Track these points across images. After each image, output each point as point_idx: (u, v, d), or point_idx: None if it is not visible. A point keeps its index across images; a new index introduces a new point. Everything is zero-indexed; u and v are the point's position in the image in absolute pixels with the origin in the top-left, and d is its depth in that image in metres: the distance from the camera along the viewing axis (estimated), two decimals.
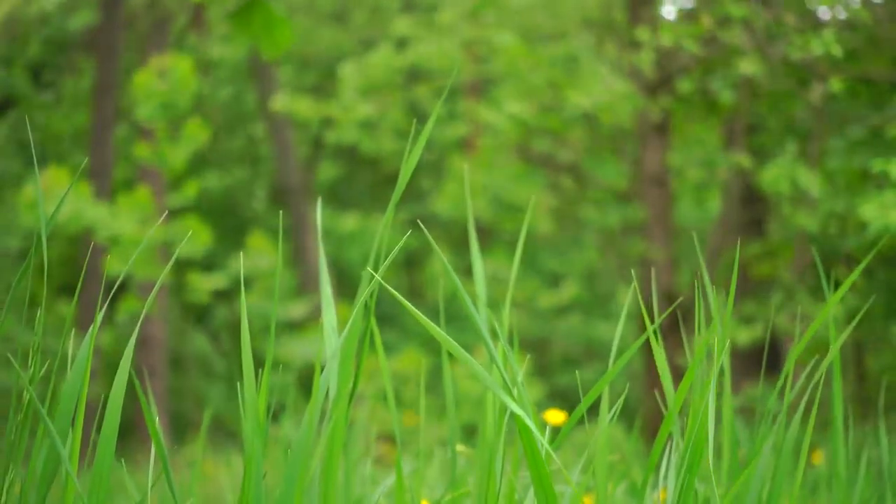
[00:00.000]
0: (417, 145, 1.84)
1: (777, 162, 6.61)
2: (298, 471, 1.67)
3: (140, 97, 10.85)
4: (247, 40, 4.20)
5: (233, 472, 5.65)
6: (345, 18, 15.59)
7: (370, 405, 9.34)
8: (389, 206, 1.81)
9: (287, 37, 4.16)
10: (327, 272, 1.92)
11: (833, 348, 2.00)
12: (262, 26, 4.15)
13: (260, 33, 4.15)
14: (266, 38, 4.15)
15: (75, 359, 1.71)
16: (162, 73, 10.88)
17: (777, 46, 6.64)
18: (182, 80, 10.73)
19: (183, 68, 10.77)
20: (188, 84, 10.75)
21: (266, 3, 4.15)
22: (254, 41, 4.18)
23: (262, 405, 1.72)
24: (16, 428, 1.70)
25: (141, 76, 10.91)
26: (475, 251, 2.11)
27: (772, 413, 2.01)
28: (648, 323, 1.86)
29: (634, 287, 2.10)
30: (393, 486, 2.66)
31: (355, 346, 1.80)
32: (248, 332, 1.72)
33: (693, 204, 12.30)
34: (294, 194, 14.60)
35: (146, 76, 10.85)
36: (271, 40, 4.15)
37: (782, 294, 7.09)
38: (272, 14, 4.13)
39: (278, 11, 4.16)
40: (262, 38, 4.15)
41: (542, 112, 8.87)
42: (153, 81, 10.79)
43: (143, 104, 10.81)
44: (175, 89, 10.75)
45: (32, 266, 1.74)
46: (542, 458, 1.77)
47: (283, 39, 4.15)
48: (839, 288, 1.87)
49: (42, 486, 1.67)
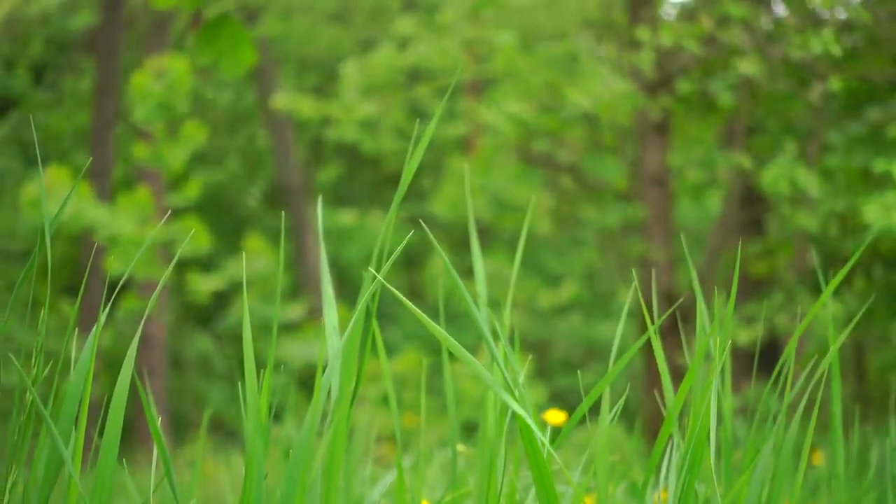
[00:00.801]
0: (420, 145, 1.84)
1: (777, 162, 6.61)
2: (300, 471, 1.67)
3: (137, 99, 10.85)
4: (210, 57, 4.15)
5: (233, 472, 5.66)
6: (345, 18, 15.59)
7: (371, 406, 9.34)
8: (392, 206, 1.81)
9: (249, 57, 4.12)
10: (328, 272, 1.92)
11: (833, 347, 2.00)
12: (228, 44, 4.10)
13: (224, 51, 4.11)
14: (229, 56, 4.10)
15: (78, 360, 1.71)
16: (158, 75, 10.88)
17: (777, 46, 6.64)
18: (178, 81, 10.73)
19: (179, 69, 10.76)
20: (184, 84, 10.74)
21: (235, 21, 4.11)
22: (217, 58, 4.12)
23: (263, 405, 1.72)
24: (18, 429, 1.70)
25: (137, 77, 10.91)
26: (476, 251, 2.11)
27: (772, 413, 2.01)
28: (649, 323, 1.86)
29: (635, 287, 2.10)
30: (393, 487, 2.66)
31: (357, 347, 1.80)
32: (250, 332, 1.72)
33: (693, 204, 12.30)
34: (294, 194, 14.61)
35: (142, 77, 10.85)
36: (234, 59, 4.10)
37: (782, 294, 7.09)
38: (239, 32, 4.09)
39: (243, 30, 4.12)
40: (225, 55, 4.11)
41: (542, 111, 8.87)
42: (149, 83, 10.79)
43: (140, 106, 10.80)
44: (171, 90, 10.74)
45: (35, 266, 1.74)
46: (543, 457, 1.77)
47: (244, 59, 4.10)
48: (838, 287, 1.87)
49: (44, 488, 1.67)
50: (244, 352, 1.71)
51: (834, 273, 6.41)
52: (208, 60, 4.11)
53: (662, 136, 8.68)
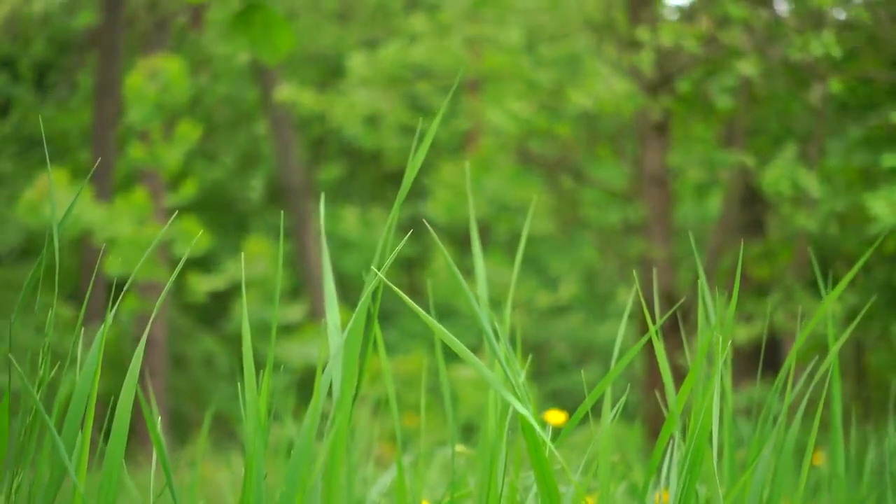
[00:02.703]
0: (423, 143, 1.83)
1: (777, 163, 6.61)
2: (300, 472, 1.67)
3: (132, 100, 10.84)
4: (245, 44, 4.12)
5: (234, 472, 5.65)
6: (348, 17, 15.59)
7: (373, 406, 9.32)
8: (394, 207, 1.80)
9: (287, 41, 4.09)
10: (330, 269, 1.92)
11: (833, 348, 2.00)
12: (262, 30, 4.07)
13: (259, 37, 4.08)
14: (265, 42, 4.08)
15: (83, 361, 1.70)
16: (153, 75, 10.87)
17: (777, 47, 6.64)
18: (174, 81, 10.72)
19: (173, 69, 10.76)
20: (181, 84, 10.73)
21: (267, 6, 4.08)
22: (253, 45, 4.10)
23: (262, 406, 1.72)
24: (23, 431, 1.69)
25: (132, 79, 10.90)
26: (477, 252, 2.10)
27: (772, 413, 2.01)
28: (651, 323, 1.86)
29: (636, 287, 2.10)
30: (394, 487, 2.66)
31: (359, 346, 1.80)
32: (249, 333, 1.72)
33: (693, 204, 12.29)
34: (295, 194, 14.60)
35: (137, 79, 10.84)
36: (271, 45, 4.07)
37: (782, 293, 7.09)
38: (273, 17, 4.06)
39: (279, 14, 4.09)
40: (261, 42, 4.08)
41: (543, 111, 8.87)
42: (144, 84, 10.78)
43: (135, 107, 10.80)
44: (167, 90, 10.73)
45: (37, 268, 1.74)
46: (545, 457, 1.77)
47: (283, 44, 4.08)
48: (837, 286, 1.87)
49: (50, 490, 1.67)
50: (243, 352, 1.71)
51: (834, 272, 6.42)
52: (242, 48, 4.08)
53: (662, 136, 8.67)
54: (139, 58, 12.67)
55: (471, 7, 10.93)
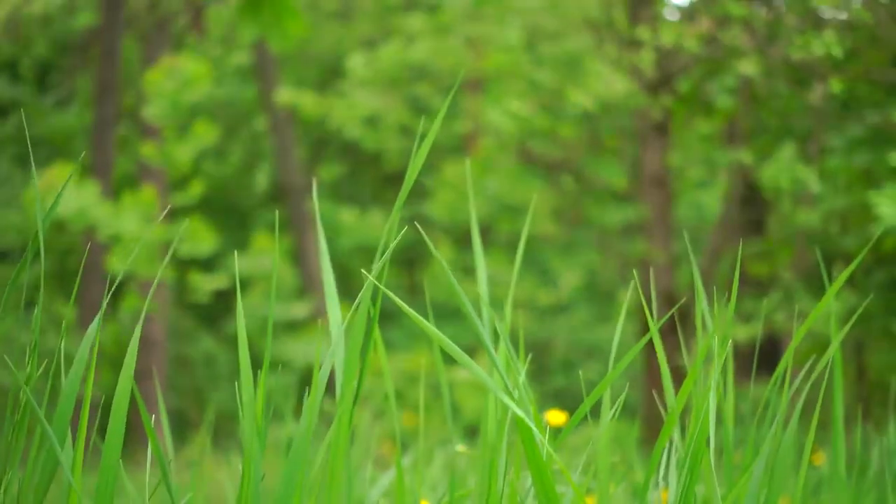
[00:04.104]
0: (424, 144, 1.83)
1: (777, 158, 6.61)
2: (298, 472, 1.67)
3: (151, 95, 10.84)
4: (256, 31, 4.10)
5: (234, 472, 5.65)
6: (348, 17, 15.59)
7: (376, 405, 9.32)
8: (395, 207, 1.80)
9: (298, 28, 4.08)
10: (329, 265, 1.91)
11: (833, 347, 1.99)
12: (272, 17, 4.05)
13: (269, 24, 4.06)
14: (275, 28, 4.06)
15: (74, 358, 1.70)
16: (172, 73, 10.88)
17: (777, 47, 6.64)
18: (195, 80, 10.72)
19: (196, 69, 10.77)
20: (202, 85, 10.74)
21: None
22: (263, 32, 4.08)
23: (260, 406, 1.72)
24: (13, 428, 1.69)
25: (152, 74, 10.92)
26: (478, 252, 2.10)
27: (771, 413, 2.00)
28: (651, 323, 1.85)
29: (635, 287, 2.10)
30: (394, 487, 2.66)
31: (359, 346, 1.79)
32: (245, 332, 1.71)
33: (693, 204, 12.29)
34: (295, 193, 14.60)
35: (157, 75, 10.85)
36: (281, 31, 4.06)
37: (781, 292, 7.09)
38: (283, 4, 4.04)
39: (288, 2, 4.07)
40: (271, 29, 4.07)
41: (543, 111, 8.87)
42: (163, 81, 10.79)
43: (154, 102, 10.80)
44: (185, 88, 10.74)
45: (30, 263, 1.73)
46: (543, 459, 1.76)
47: (293, 30, 4.06)
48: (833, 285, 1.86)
49: (40, 488, 1.66)
50: (240, 351, 1.70)
51: (833, 272, 6.41)
52: (253, 35, 4.07)
53: (662, 136, 8.67)
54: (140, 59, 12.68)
55: (471, 7, 10.93)
